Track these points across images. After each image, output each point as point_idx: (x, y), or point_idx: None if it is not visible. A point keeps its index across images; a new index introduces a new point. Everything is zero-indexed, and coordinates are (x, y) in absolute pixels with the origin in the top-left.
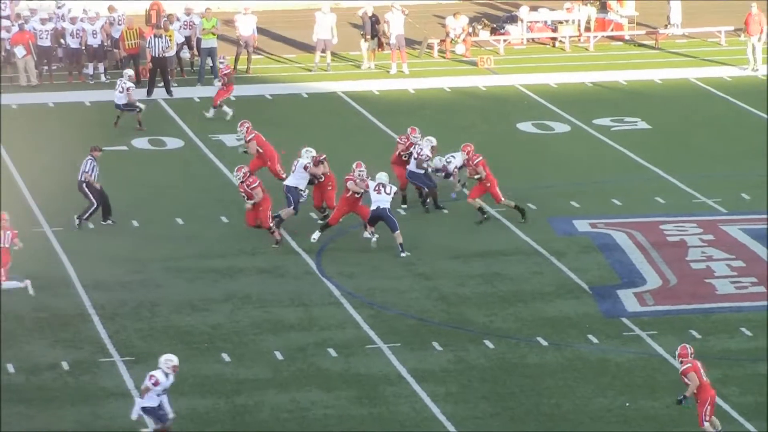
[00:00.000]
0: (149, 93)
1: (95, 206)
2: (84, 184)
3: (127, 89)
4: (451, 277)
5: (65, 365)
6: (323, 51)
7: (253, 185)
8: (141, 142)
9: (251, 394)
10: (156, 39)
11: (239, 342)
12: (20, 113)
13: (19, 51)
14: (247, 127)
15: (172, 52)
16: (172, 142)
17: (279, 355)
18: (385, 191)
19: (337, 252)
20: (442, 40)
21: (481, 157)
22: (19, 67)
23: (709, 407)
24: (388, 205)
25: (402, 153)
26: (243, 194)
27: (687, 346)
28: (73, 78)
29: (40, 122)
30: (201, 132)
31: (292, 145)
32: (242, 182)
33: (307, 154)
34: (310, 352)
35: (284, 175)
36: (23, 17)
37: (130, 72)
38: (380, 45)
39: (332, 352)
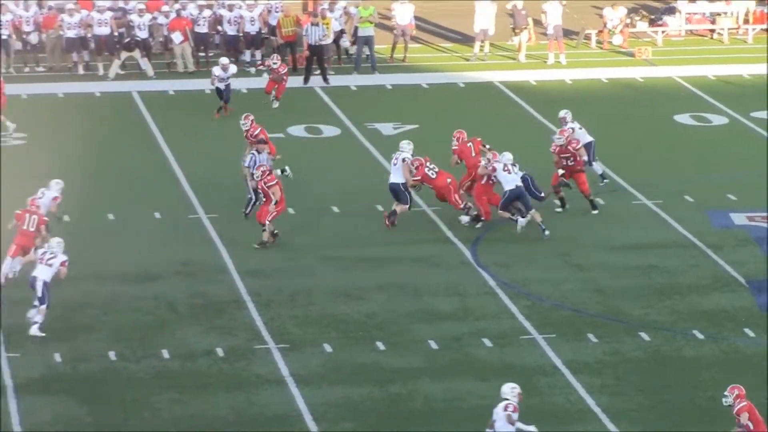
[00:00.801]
0: (306, 81)
1: (252, 199)
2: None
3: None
4: (607, 269)
5: (220, 352)
6: (482, 41)
7: (271, 183)
8: (297, 130)
9: (405, 383)
10: (313, 27)
11: (394, 331)
12: (177, 99)
13: (177, 37)
14: (252, 120)
15: (328, 40)
16: (329, 130)
17: (433, 345)
18: (514, 171)
19: (492, 242)
20: (600, 31)
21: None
22: (176, 53)
23: None
24: (520, 183)
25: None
26: (261, 192)
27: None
28: None
29: (197, 108)
30: (357, 120)
31: (447, 134)
32: (260, 180)
33: (408, 147)
34: (465, 342)
35: None
36: (181, 3)
37: (224, 60)
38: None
39: (487, 342)
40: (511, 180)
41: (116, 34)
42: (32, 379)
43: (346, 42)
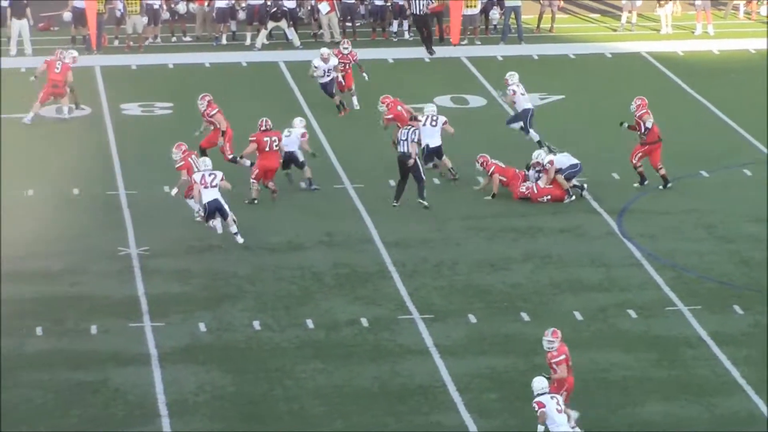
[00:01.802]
0: (429, 52)
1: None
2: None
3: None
4: (753, 241)
5: (364, 322)
6: (629, 11)
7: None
8: (443, 100)
9: None
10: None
11: (539, 302)
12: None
13: (323, 7)
14: (209, 101)
15: (474, 11)
16: (475, 101)
17: (578, 316)
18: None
19: (638, 213)
20: (749, 2)
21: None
22: (323, 23)
23: (565, 393)
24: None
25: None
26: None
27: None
28: (376, 35)
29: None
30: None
31: (594, 105)
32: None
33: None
34: (610, 313)
35: (230, 156)
36: None
37: (325, 51)
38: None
39: (632, 313)
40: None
41: (268, 3)
42: (177, 349)
43: (495, 14)
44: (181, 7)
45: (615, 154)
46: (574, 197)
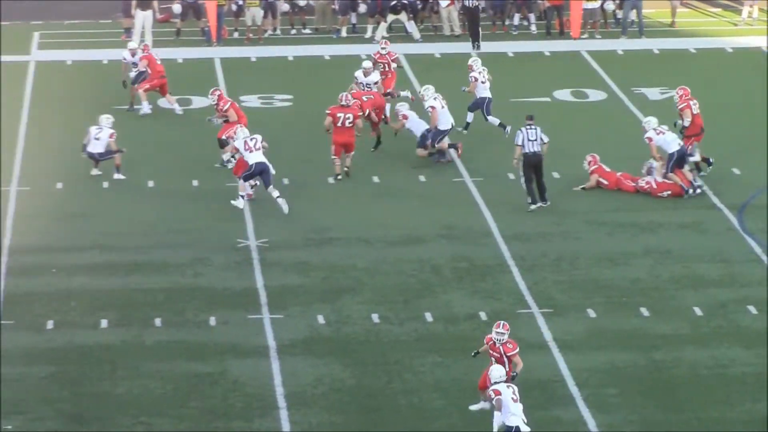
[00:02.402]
0: (474, 46)
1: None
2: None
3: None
4: None
5: (483, 315)
6: (751, 5)
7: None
8: (563, 94)
9: (669, 349)
10: None
11: (659, 297)
12: (443, 62)
13: (444, 0)
14: (219, 94)
15: (595, 5)
16: (595, 95)
17: (698, 311)
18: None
19: (759, 208)
20: None
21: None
22: (442, 16)
23: None
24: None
25: None
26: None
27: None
28: (496, 28)
29: (463, 70)
30: (623, 85)
31: (714, 100)
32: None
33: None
34: (731, 309)
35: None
36: None
37: (366, 64)
38: None
39: (752, 309)
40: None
41: None
42: (295, 341)
43: (610, 5)
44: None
45: (735, 149)
46: (694, 191)
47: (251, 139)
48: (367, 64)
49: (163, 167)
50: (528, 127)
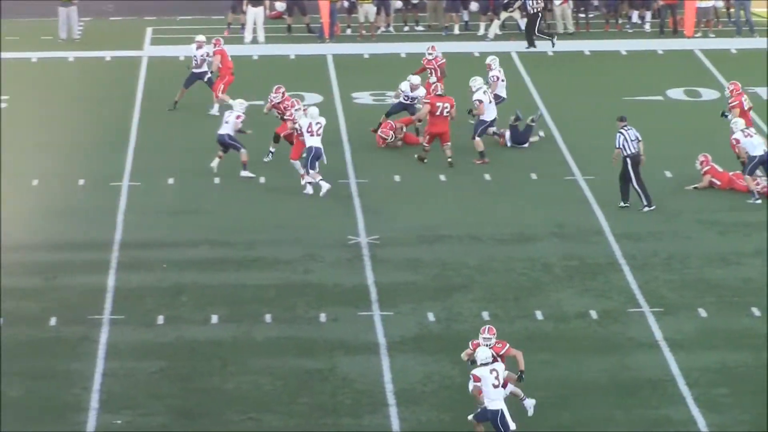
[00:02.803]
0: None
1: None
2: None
3: None
4: None
5: (594, 314)
6: None
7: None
8: (676, 93)
9: None
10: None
11: None
12: (555, 60)
13: None
14: (283, 92)
15: (708, 4)
16: (708, 94)
17: None
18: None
19: None
20: None
21: None
22: (555, 14)
23: None
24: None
25: None
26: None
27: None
28: (609, 26)
29: (576, 69)
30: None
31: None
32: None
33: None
34: None
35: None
36: None
37: (414, 80)
38: None
39: None
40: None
41: None
42: (405, 338)
43: (720, 3)
44: None
45: None
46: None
47: (316, 124)
48: (415, 79)
49: (273, 163)
50: (626, 128)
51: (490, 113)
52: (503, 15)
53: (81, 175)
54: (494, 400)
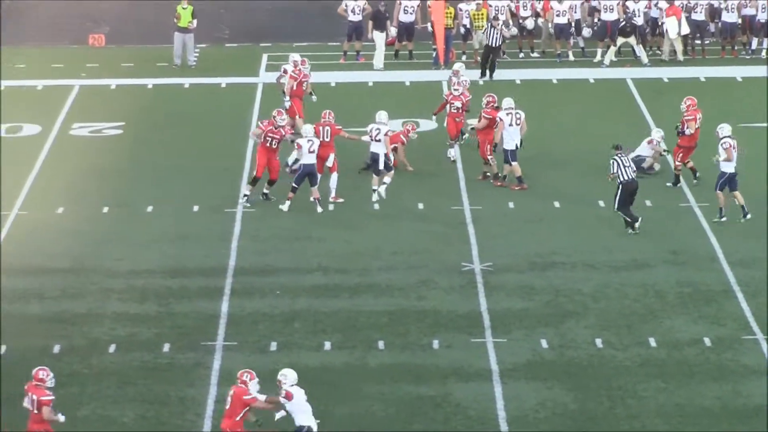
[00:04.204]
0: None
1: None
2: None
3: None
4: None
5: (707, 341)
6: None
7: None
8: None
9: None
10: (493, 29)
11: None
12: (670, 86)
13: (671, 25)
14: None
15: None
16: None
17: None
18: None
19: None
20: None
21: None
22: (666, 41)
23: None
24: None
25: None
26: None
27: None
28: (725, 53)
29: (690, 95)
30: None
31: None
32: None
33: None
34: None
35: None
36: None
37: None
38: None
39: None
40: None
41: (620, 19)
42: (518, 365)
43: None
44: (529, 23)
45: None
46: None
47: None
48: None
49: (389, 190)
50: (620, 155)
51: (509, 140)
52: (620, 40)
53: (196, 201)
54: (305, 412)
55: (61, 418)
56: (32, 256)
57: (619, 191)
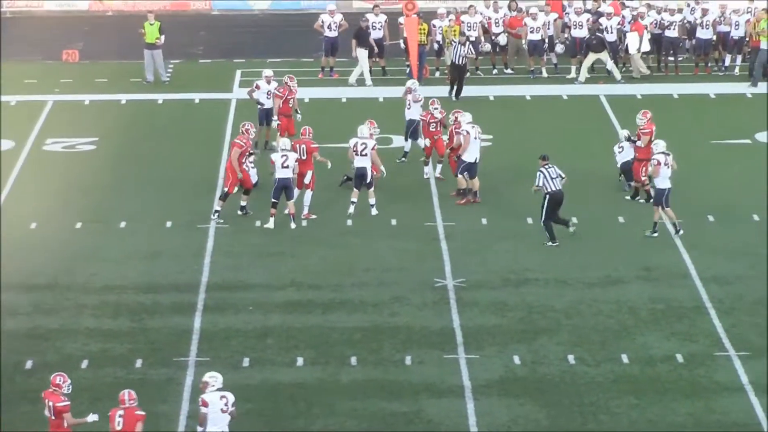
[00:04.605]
0: (450, 93)
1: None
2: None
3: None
4: None
5: (680, 358)
6: None
7: None
8: (764, 136)
9: None
10: (459, 45)
11: None
12: (644, 103)
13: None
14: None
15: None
16: None
17: None
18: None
19: None
20: None
21: None
22: (635, 57)
23: None
24: None
25: None
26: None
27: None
28: (699, 69)
29: (663, 111)
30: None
31: None
32: None
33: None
34: None
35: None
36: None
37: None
38: None
39: None
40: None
41: (590, 36)
42: (491, 381)
43: None
44: (502, 39)
45: None
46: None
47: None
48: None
49: (359, 206)
50: (547, 167)
51: (470, 153)
52: (591, 56)
53: (169, 217)
54: (217, 423)
55: (92, 417)
56: (5, 272)
57: (546, 202)
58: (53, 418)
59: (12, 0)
